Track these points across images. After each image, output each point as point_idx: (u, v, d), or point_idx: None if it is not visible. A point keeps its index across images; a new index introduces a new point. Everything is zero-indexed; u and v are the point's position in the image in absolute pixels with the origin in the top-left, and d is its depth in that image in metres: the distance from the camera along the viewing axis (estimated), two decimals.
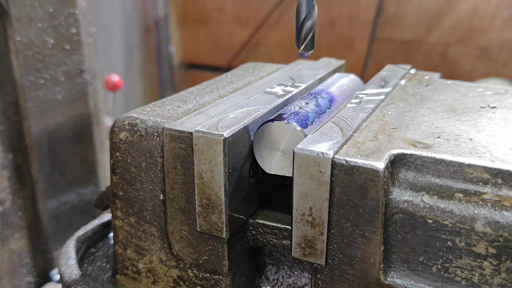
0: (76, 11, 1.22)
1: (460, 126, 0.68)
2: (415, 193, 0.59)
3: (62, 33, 1.19)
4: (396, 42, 3.09)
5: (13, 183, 1.15)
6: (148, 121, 0.71)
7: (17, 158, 1.15)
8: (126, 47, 3.39)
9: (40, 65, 1.16)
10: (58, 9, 1.17)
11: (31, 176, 1.19)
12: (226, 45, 3.59)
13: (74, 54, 1.23)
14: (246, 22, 3.48)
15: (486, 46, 2.90)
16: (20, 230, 1.19)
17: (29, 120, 1.15)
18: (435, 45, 3.02)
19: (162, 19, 3.52)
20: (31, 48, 1.13)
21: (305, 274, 0.76)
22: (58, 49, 1.19)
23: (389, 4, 3.05)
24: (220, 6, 3.55)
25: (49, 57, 1.17)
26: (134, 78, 3.47)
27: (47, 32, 1.16)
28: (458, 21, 2.93)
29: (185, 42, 3.76)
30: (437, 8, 2.95)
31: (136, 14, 3.43)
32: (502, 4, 2.79)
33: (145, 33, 3.51)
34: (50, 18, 1.16)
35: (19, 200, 1.17)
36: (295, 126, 0.66)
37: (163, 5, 3.52)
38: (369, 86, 0.85)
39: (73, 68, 1.24)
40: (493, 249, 0.55)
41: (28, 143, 1.16)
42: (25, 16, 1.09)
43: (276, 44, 3.39)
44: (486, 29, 2.88)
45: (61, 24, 1.19)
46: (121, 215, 0.76)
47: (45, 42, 1.15)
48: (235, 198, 0.68)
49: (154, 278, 0.78)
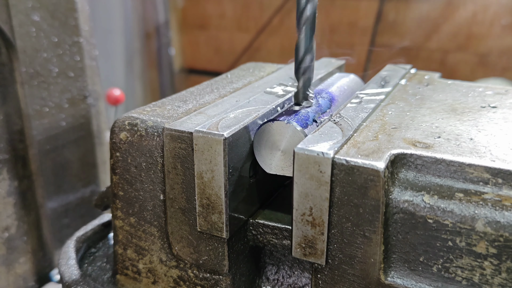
0: (80, 39, 1.24)
1: (461, 126, 0.68)
2: (416, 193, 0.59)
3: (66, 61, 1.21)
4: (395, 48, 3.09)
5: (18, 209, 1.17)
6: (148, 121, 0.71)
7: (22, 185, 1.17)
8: (127, 52, 3.40)
9: (45, 93, 1.17)
10: (63, 39, 1.20)
11: (36, 201, 1.21)
12: (226, 51, 3.61)
13: (78, 81, 1.25)
14: (246, 27, 3.50)
15: (485, 53, 2.91)
16: (25, 255, 1.22)
17: (34, 148, 1.17)
18: (434, 51, 3.03)
19: (163, 25, 3.53)
20: (37, 78, 1.14)
21: (305, 274, 0.76)
22: (62, 77, 1.21)
23: (388, 11, 3.06)
24: (220, 11, 3.57)
25: (54, 86, 1.19)
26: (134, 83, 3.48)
27: (52, 61, 1.18)
28: (458, 28, 2.94)
29: (186, 48, 3.77)
30: (437, 15, 2.96)
31: (136, 20, 3.44)
32: (501, 11, 2.80)
33: (145, 38, 3.52)
34: (55, 48, 1.18)
35: (24, 225, 1.19)
36: (295, 126, 0.66)
37: (163, 10, 3.53)
38: (369, 86, 0.85)
39: (77, 94, 1.26)
40: (494, 249, 0.55)
41: (33, 170, 1.18)
42: (30, 47, 1.12)
43: (276, 50, 3.40)
44: (485, 36, 2.89)
45: (66, 53, 1.21)
46: (121, 215, 0.76)
47: (50, 71, 1.17)
48: (235, 198, 0.68)
49: (154, 278, 0.77)
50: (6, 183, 1.13)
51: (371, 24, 3.10)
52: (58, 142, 1.23)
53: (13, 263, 1.18)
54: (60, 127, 1.23)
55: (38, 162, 1.18)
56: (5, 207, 1.14)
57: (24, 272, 1.22)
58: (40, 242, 1.25)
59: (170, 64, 3.62)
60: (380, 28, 3.09)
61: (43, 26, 1.13)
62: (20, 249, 1.19)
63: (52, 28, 1.16)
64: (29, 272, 1.23)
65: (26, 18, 1.09)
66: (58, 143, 1.23)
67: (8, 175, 1.13)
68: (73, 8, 1.20)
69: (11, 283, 1.18)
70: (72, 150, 1.28)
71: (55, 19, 1.16)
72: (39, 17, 1.12)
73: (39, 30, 1.13)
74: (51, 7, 1.14)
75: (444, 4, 2.93)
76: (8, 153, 1.12)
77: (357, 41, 3.18)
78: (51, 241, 1.27)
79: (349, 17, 3.16)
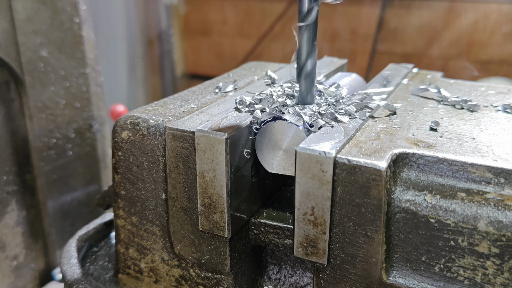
0: (86, 70, 1.25)
1: (463, 125, 0.68)
2: (418, 192, 0.59)
3: (73, 93, 1.23)
4: (397, 55, 3.10)
5: (26, 237, 1.19)
6: (150, 121, 0.71)
7: (30, 214, 1.19)
8: (130, 58, 3.41)
9: (52, 125, 1.19)
10: (70, 72, 1.21)
11: (43, 229, 1.23)
12: (229, 57, 3.61)
13: (84, 111, 1.27)
14: (248, 34, 3.50)
15: (486, 61, 2.91)
16: (33, 281, 1.23)
17: (41, 178, 1.18)
18: (435, 59, 3.03)
19: (165, 31, 3.54)
20: (44, 111, 1.16)
21: (307, 274, 0.76)
22: (69, 108, 1.22)
23: (390, 18, 3.07)
24: (222, 18, 3.58)
25: (61, 117, 1.21)
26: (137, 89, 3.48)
27: (59, 94, 1.19)
28: (459, 35, 2.95)
29: (188, 54, 3.78)
30: (438, 23, 2.97)
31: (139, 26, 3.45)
32: (502, 19, 2.81)
33: (148, 45, 3.53)
34: (62, 80, 1.20)
35: (32, 253, 1.21)
36: (297, 125, 0.66)
37: (166, 17, 3.54)
38: (371, 85, 0.85)
39: (83, 124, 1.28)
40: (496, 248, 0.55)
41: (41, 199, 1.20)
42: (38, 82, 1.13)
43: (278, 56, 3.41)
44: (486, 44, 2.89)
45: (72, 85, 1.22)
46: (123, 214, 0.76)
47: (57, 104, 1.19)
48: (237, 197, 0.68)
49: (156, 277, 0.77)
50: (15, 214, 1.15)
51: (373, 31, 3.11)
52: (65, 171, 1.25)
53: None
54: (66, 157, 1.25)
55: (45, 191, 1.20)
56: (13, 237, 1.16)
57: None
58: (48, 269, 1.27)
59: (172, 69, 3.62)
60: (382, 35, 3.10)
61: (51, 61, 1.15)
62: (28, 276, 1.21)
63: (60, 62, 1.17)
64: None
65: (35, 54, 1.11)
66: (65, 172, 1.25)
67: (16, 206, 1.15)
68: (79, 41, 1.22)
69: None
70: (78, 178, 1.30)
71: (62, 53, 1.18)
72: (47, 53, 1.14)
73: (47, 65, 1.14)
74: (59, 42, 1.16)
75: (445, 11, 2.93)
76: (17, 184, 1.15)
77: (359, 48, 3.18)
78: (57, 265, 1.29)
79: (351, 24, 3.17)
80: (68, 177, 1.26)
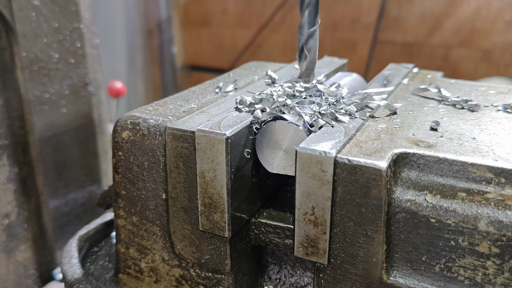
0: (80, 25, 1.23)
1: (463, 125, 0.68)
2: (418, 192, 0.59)
3: (67, 47, 1.21)
4: (398, 44, 3.08)
5: (18, 196, 1.16)
6: (150, 120, 0.71)
7: (22, 172, 1.17)
8: (129, 49, 3.40)
9: (45, 79, 1.17)
10: (63, 24, 1.19)
11: (36, 188, 1.21)
12: (229, 47, 3.60)
13: (78, 68, 1.25)
14: (249, 24, 3.49)
15: (489, 49, 2.89)
16: (26, 242, 1.21)
17: (34, 134, 1.16)
18: (437, 47, 3.01)
19: (165, 21, 3.52)
20: (37, 63, 1.14)
21: (307, 274, 0.76)
22: (63, 63, 1.20)
23: (391, 7, 3.05)
24: (222, 8, 3.56)
25: (54, 72, 1.19)
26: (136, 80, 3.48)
27: (52, 47, 1.17)
28: (461, 23, 2.93)
29: (188, 44, 3.76)
30: (440, 11, 2.95)
31: (138, 17, 3.43)
32: (505, 7, 2.79)
33: (147, 35, 3.52)
34: (55, 33, 1.17)
35: (24, 212, 1.19)
36: (298, 125, 0.66)
37: (165, 7, 3.52)
38: (371, 85, 0.84)
39: (78, 81, 1.25)
40: (496, 248, 0.55)
41: (33, 157, 1.18)
42: (30, 32, 1.11)
43: (279, 46, 3.39)
44: (488, 32, 2.87)
45: (66, 38, 1.20)
46: (124, 214, 0.76)
47: (50, 57, 1.17)
48: (237, 197, 0.68)
49: (156, 277, 0.78)
50: (6, 169, 1.12)
51: (374, 20, 3.09)
52: (58, 129, 1.23)
53: (13, 251, 1.18)
54: (60, 114, 1.22)
55: (38, 148, 1.18)
56: (5, 194, 1.13)
57: (25, 260, 1.21)
58: (41, 229, 1.24)
59: (172, 60, 3.61)
60: (383, 24, 3.08)
61: (43, 11, 1.13)
62: (20, 236, 1.19)
63: (53, 13, 1.15)
64: (30, 259, 1.23)
65: (26, 2, 1.08)
66: (58, 130, 1.23)
67: (8, 161, 1.12)
68: None
69: (12, 271, 1.18)
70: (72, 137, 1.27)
71: (55, 4, 1.15)
72: (39, 2, 1.11)
73: (39, 15, 1.12)
74: None
75: None
76: (8, 139, 1.12)
77: (360, 37, 3.17)
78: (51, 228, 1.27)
79: (352, 13, 3.15)
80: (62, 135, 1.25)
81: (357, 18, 3.15)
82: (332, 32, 3.15)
